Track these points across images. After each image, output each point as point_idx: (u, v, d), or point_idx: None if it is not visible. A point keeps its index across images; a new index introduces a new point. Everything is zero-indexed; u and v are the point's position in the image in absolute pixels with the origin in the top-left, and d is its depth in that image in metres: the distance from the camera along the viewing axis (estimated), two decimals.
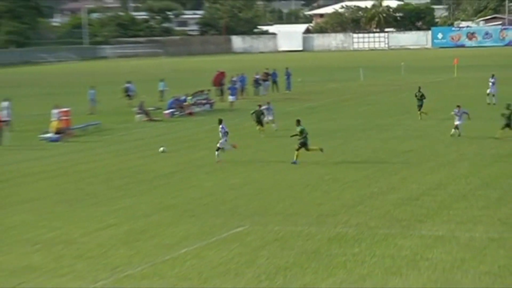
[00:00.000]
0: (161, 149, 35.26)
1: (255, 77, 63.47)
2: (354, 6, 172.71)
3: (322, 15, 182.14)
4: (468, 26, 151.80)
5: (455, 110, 36.58)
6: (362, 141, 36.77)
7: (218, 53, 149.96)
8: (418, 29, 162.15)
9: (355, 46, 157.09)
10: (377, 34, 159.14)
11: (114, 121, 48.13)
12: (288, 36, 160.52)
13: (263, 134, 38.67)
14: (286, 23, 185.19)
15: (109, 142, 39.94)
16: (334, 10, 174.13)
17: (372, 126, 41.93)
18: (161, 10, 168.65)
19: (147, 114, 48.57)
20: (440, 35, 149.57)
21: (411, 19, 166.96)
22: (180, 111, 50.53)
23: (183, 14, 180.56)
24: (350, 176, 28.26)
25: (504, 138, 34.93)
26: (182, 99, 51.75)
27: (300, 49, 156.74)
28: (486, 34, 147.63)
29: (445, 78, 73.74)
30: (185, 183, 28.18)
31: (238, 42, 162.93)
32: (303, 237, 20.29)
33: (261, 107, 39.31)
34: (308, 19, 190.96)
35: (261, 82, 63.27)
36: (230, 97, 54.49)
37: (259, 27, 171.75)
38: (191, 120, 47.64)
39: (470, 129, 37.32)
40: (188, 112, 50.54)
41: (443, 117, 37.35)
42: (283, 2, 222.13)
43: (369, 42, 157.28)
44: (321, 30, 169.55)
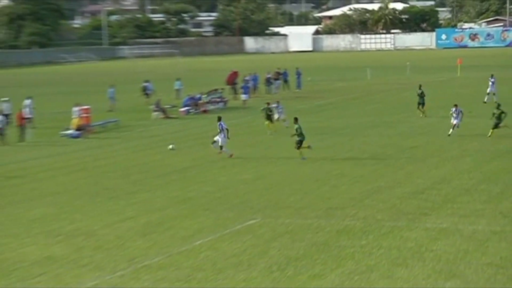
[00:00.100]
0: (170, 146, 35.59)
1: (267, 76, 63.83)
2: (362, 8, 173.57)
3: (331, 17, 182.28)
4: (470, 28, 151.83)
5: (452, 109, 36.72)
6: (369, 137, 37.18)
7: (232, 53, 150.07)
8: (423, 30, 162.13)
9: (363, 46, 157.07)
10: (383, 35, 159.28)
11: (132, 118, 48.74)
12: (298, 37, 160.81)
13: (270, 132, 38.97)
14: (297, 25, 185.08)
15: (127, 139, 40.55)
16: (342, 12, 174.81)
17: (378, 123, 42.39)
18: (177, 12, 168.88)
19: (164, 111, 49.15)
20: (444, 36, 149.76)
21: (416, 21, 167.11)
22: (195, 109, 51.07)
23: (198, 16, 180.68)
24: (357, 171, 28.73)
25: (494, 136, 35.23)
26: (197, 98, 52.27)
27: (310, 49, 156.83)
28: (488, 35, 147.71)
29: (448, 78, 73.82)
30: (199, 178, 28.64)
31: (250, 42, 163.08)
32: (313, 229, 20.69)
33: (269, 105, 39.97)
34: (317, 21, 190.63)
35: (272, 81, 63.60)
36: (243, 95, 55.04)
37: (271, 29, 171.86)
38: (206, 117, 47.90)
39: (472, 126, 37.73)
40: (202, 109, 51.07)
41: (447, 114, 37.83)
42: (294, 4, 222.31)
43: (376, 43, 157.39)
44: (330, 31, 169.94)
